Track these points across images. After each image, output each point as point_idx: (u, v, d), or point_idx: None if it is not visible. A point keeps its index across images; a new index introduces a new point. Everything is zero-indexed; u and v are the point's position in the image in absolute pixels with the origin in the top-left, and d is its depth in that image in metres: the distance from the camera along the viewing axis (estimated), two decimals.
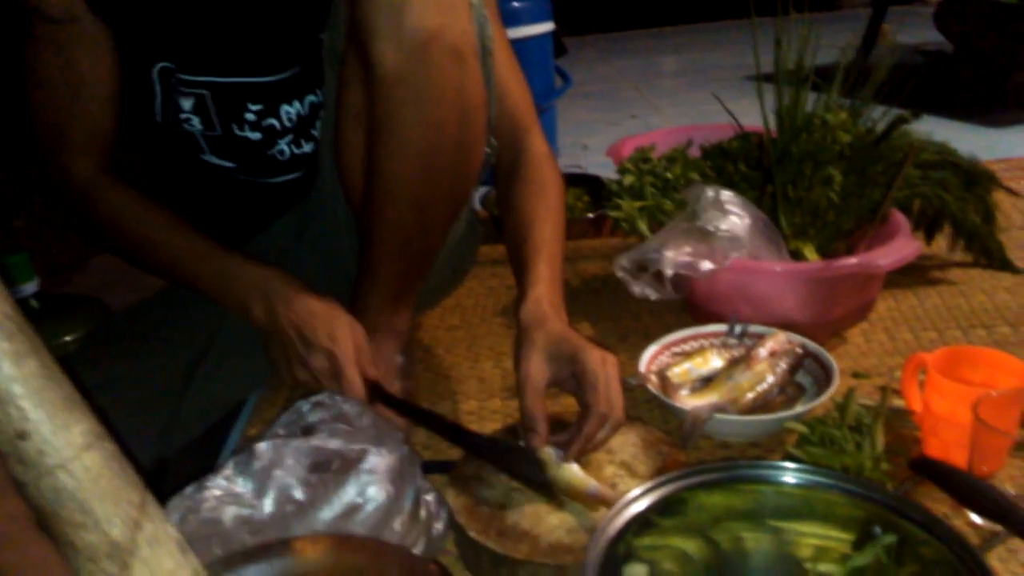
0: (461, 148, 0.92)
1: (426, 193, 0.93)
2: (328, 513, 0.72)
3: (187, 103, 1.02)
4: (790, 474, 0.74)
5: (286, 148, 1.09)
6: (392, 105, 0.87)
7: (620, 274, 1.19)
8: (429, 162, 0.90)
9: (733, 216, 1.16)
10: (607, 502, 0.80)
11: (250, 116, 1.04)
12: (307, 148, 1.10)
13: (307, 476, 0.73)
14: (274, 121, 1.06)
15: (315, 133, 1.10)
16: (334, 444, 0.75)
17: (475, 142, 0.94)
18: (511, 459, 0.88)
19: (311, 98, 1.07)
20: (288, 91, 1.05)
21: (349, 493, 0.72)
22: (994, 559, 0.81)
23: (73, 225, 1.07)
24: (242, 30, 1.00)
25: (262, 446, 0.75)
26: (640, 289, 1.17)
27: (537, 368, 0.87)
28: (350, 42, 0.92)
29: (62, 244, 2.05)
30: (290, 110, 1.06)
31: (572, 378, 0.88)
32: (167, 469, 1.11)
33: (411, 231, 0.95)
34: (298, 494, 0.72)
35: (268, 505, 0.72)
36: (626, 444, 0.93)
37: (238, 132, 1.05)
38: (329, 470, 0.73)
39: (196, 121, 1.03)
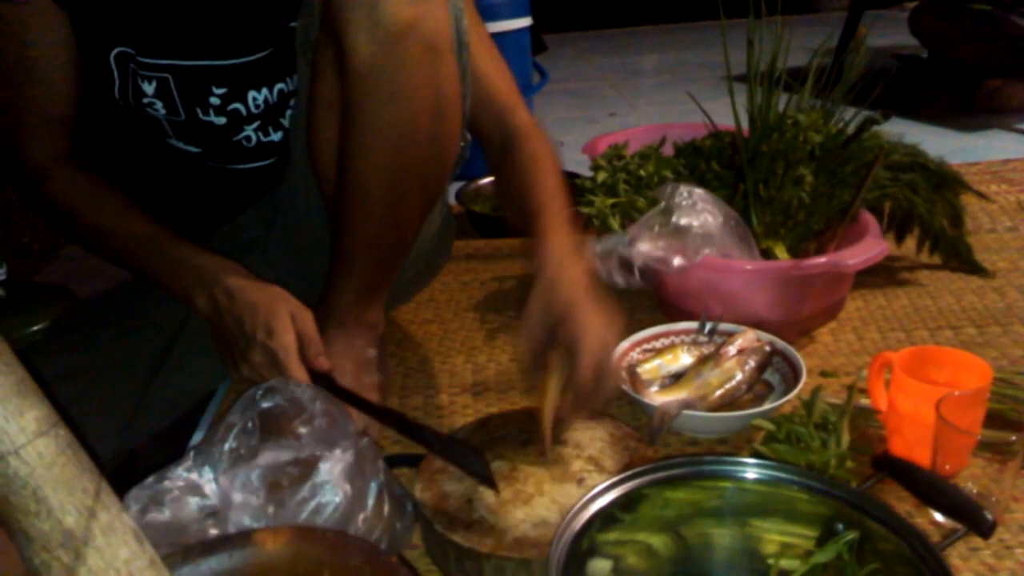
0: (435, 142, 0.91)
1: (399, 187, 0.92)
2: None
3: (149, 87, 1.00)
4: (755, 471, 0.74)
5: (253, 135, 1.08)
6: (365, 98, 0.86)
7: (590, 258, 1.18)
8: (402, 156, 0.89)
9: (706, 213, 1.16)
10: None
11: (215, 100, 1.03)
12: (275, 136, 1.09)
13: (263, 501, 0.72)
14: (240, 106, 1.04)
15: (284, 122, 1.09)
16: (286, 456, 0.74)
17: (449, 136, 0.94)
18: (458, 454, 0.87)
19: (280, 86, 1.06)
20: (255, 76, 1.04)
21: (306, 503, 0.72)
22: (955, 557, 0.82)
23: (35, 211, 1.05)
24: (204, 13, 0.98)
25: (213, 482, 0.73)
26: (607, 273, 1.17)
27: (532, 322, 0.87)
28: (323, 31, 0.92)
29: (33, 231, 2.01)
30: (257, 96, 1.05)
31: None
32: (137, 458, 1.10)
33: (384, 225, 0.95)
34: (256, 520, 0.71)
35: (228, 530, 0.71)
36: (594, 439, 0.93)
37: (203, 116, 1.04)
38: (284, 487, 0.72)
39: (159, 105, 1.02)
